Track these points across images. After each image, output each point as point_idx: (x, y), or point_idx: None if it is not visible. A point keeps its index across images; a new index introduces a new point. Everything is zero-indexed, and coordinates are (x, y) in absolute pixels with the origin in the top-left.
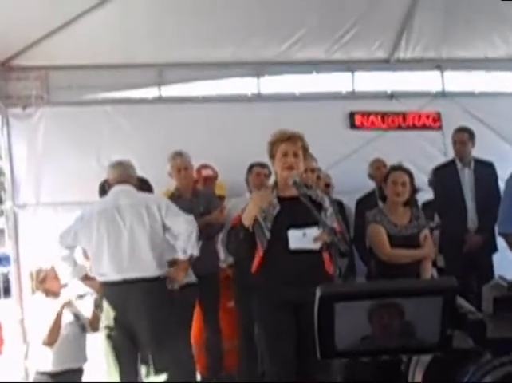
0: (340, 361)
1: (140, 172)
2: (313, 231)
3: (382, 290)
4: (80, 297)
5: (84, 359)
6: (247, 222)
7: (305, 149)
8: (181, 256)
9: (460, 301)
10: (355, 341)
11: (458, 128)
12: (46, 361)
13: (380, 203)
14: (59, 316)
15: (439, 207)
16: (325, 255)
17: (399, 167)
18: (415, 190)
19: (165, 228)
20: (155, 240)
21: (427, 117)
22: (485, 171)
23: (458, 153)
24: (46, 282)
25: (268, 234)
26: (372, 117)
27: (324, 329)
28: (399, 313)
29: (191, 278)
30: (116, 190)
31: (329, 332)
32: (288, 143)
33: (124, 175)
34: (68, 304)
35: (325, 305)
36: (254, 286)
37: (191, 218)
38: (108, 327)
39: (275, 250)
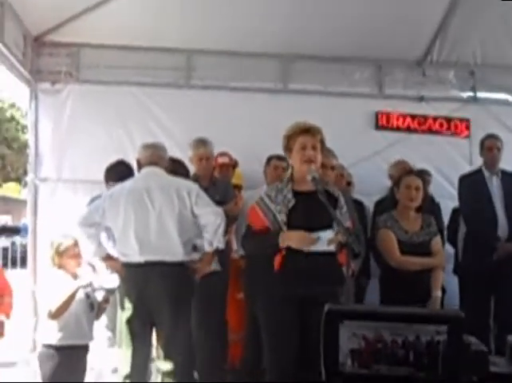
0: None
1: None
2: (327, 234)
3: (388, 313)
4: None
5: (91, 337)
6: (282, 244)
7: (323, 142)
8: (207, 248)
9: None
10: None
11: (489, 134)
12: (53, 334)
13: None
14: (72, 296)
15: (467, 215)
16: (340, 255)
17: (412, 172)
18: (426, 196)
19: (193, 216)
20: (183, 225)
21: (456, 123)
22: None
23: (491, 159)
24: (63, 258)
25: (285, 229)
26: (397, 119)
27: (329, 347)
28: (405, 339)
29: (216, 266)
30: (146, 171)
31: (334, 351)
32: (306, 135)
33: (155, 156)
34: (84, 287)
35: (331, 322)
36: (263, 279)
37: (219, 210)
38: (126, 308)
39: (288, 249)
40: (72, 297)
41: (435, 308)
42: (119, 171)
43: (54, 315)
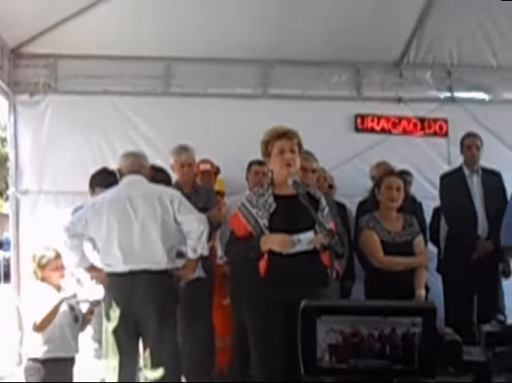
0: None
1: None
2: (308, 236)
3: (364, 307)
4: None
5: (76, 349)
6: (265, 249)
7: (300, 145)
8: (191, 255)
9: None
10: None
11: (469, 133)
12: (38, 348)
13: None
14: (56, 308)
15: (447, 213)
16: (323, 256)
17: (392, 173)
18: (407, 196)
19: (176, 223)
20: (166, 232)
21: (434, 123)
22: (492, 179)
23: (471, 158)
24: (46, 270)
25: (267, 233)
26: (376, 121)
27: (306, 343)
28: (381, 333)
29: (200, 272)
30: (127, 180)
31: (312, 346)
32: (284, 139)
33: (137, 165)
34: (68, 299)
35: (308, 318)
36: (247, 284)
37: (202, 216)
38: (111, 318)
39: (270, 252)
40: (56, 309)
41: None
42: (105, 178)
43: (39, 328)
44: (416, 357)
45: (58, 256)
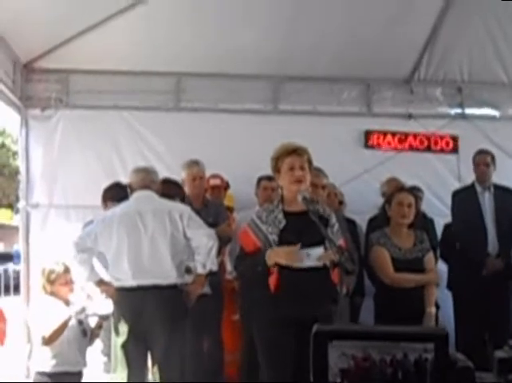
0: None
1: None
2: (317, 251)
3: (376, 332)
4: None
5: (84, 363)
6: (271, 262)
7: (310, 162)
8: (200, 270)
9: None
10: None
11: (480, 150)
12: (46, 361)
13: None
14: (65, 323)
15: (458, 230)
16: (333, 273)
17: (403, 189)
18: (418, 212)
19: (185, 238)
20: (176, 248)
21: (444, 140)
22: (505, 196)
23: (481, 175)
24: (55, 285)
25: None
26: (387, 137)
27: (318, 367)
28: (393, 358)
29: (206, 289)
30: (138, 195)
31: (324, 371)
32: (294, 156)
33: (147, 180)
34: (78, 314)
35: (320, 342)
36: (257, 300)
37: (212, 232)
38: (120, 332)
39: (279, 267)
40: (65, 324)
41: (430, 324)
42: (118, 192)
43: (47, 341)
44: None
45: (67, 271)
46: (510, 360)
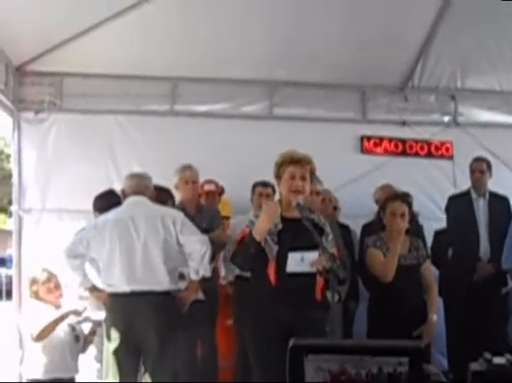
0: None
1: None
2: (312, 256)
3: (351, 346)
4: (79, 322)
5: (76, 370)
6: (259, 236)
7: (313, 172)
8: (193, 277)
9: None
10: None
11: (476, 158)
12: (38, 368)
13: None
14: (57, 321)
15: (452, 235)
16: (319, 280)
17: (396, 197)
18: (413, 217)
19: (178, 244)
20: (168, 253)
21: (439, 146)
22: (499, 204)
23: (476, 182)
24: (39, 293)
25: (275, 248)
26: (382, 143)
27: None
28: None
29: (199, 294)
30: (131, 200)
31: None
32: (296, 165)
33: (141, 186)
34: (70, 315)
35: (296, 356)
36: (249, 304)
37: (205, 238)
38: (112, 339)
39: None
40: (57, 321)
41: (431, 331)
42: (108, 200)
43: (37, 338)
44: None
45: (50, 278)
46: (485, 373)
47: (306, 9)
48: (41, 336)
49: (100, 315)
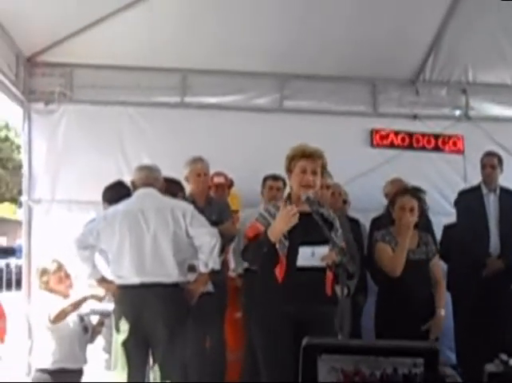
0: None
1: None
2: (322, 250)
3: (366, 346)
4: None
5: (84, 360)
6: (274, 237)
7: (324, 167)
8: (202, 269)
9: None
10: None
11: (488, 152)
12: (46, 358)
13: None
14: (76, 304)
15: (462, 230)
16: (329, 274)
17: (406, 191)
18: (423, 212)
19: (188, 237)
20: (178, 246)
21: (450, 140)
22: (510, 199)
23: (487, 177)
24: (49, 284)
25: (287, 243)
26: (392, 136)
27: (307, 381)
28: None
29: (209, 286)
30: (140, 192)
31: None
32: (308, 160)
33: (150, 178)
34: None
35: (309, 356)
36: (258, 298)
37: (214, 230)
38: (121, 330)
39: (286, 258)
40: (78, 303)
41: (439, 326)
42: (117, 192)
43: (54, 320)
44: None
45: (60, 268)
46: (501, 374)
47: (318, 2)
48: (59, 318)
49: (108, 306)
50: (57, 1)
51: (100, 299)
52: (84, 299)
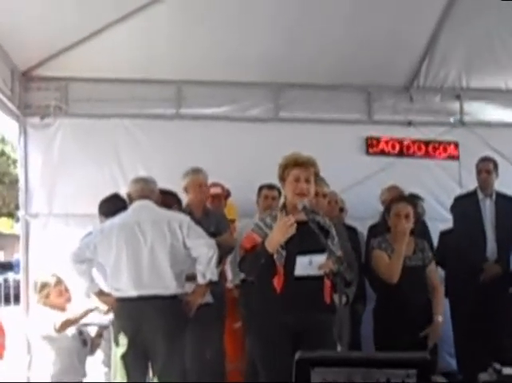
0: None
1: None
2: (320, 259)
3: (358, 358)
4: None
5: (84, 374)
6: (271, 248)
7: (317, 174)
8: (200, 280)
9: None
10: None
11: (483, 157)
12: (46, 372)
13: None
14: (81, 315)
15: (458, 236)
16: (326, 283)
17: (401, 198)
18: (419, 218)
19: (185, 248)
20: (175, 257)
21: (445, 146)
22: (506, 204)
23: (483, 182)
24: (49, 298)
25: (284, 253)
26: (388, 144)
27: None
28: None
29: (208, 297)
30: (137, 205)
31: None
32: (301, 168)
33: (146, 190)
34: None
35: (302, 369)
36: (255, 308)
37: (211, 241)
38: (120, 344)
39: (284, 269)
40: (84, 314)
41: (437, 332)
42: (114, 204)
43: (59, 329)
44: None
45: (59, 282)
46: None
47: (310, 11)
48: (64, 326)
49: (105, 319)
50: (50, 15)
51: (104, 312)
52: (90, 311)
